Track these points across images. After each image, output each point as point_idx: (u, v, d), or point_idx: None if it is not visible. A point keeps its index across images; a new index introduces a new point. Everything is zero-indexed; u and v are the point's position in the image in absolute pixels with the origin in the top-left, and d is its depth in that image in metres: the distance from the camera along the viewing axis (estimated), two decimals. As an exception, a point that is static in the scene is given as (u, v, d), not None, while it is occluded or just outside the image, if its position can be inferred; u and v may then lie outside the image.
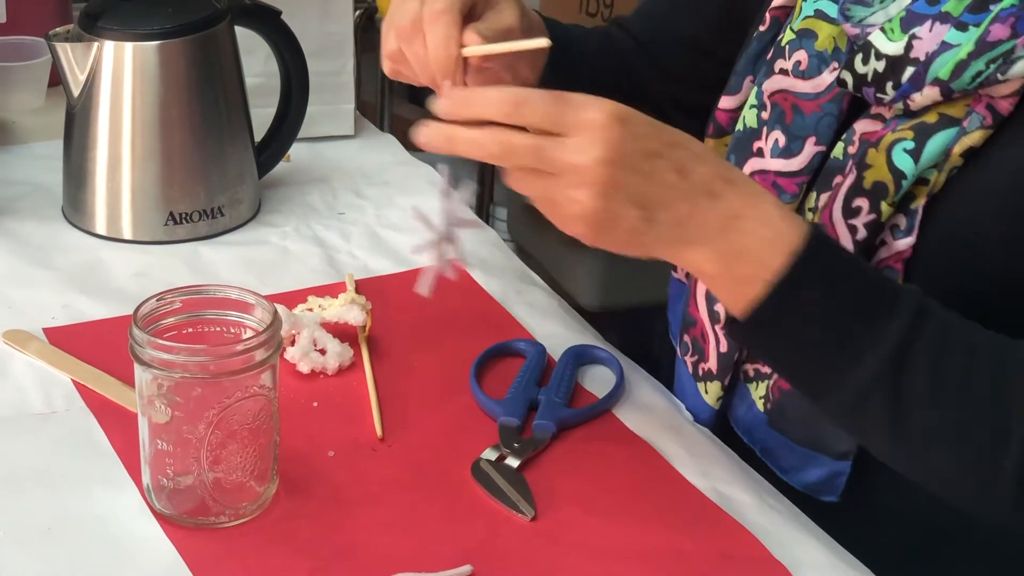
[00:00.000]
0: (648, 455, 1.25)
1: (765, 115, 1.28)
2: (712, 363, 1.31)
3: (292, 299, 1.40)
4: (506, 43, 1.18)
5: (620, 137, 1.04)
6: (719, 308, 1.29)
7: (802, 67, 1.26)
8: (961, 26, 1.13)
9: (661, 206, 1.05)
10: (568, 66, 1.40)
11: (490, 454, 1.23)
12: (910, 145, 1.15)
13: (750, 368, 1.29)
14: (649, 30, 1.49)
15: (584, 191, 1.04)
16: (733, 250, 1.07)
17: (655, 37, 1.49)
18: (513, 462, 1.22)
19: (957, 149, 1.13)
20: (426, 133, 1.07)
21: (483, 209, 3.06)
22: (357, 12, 3.21)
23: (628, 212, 1.05)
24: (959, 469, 1.08)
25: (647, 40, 1.49)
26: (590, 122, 1.04)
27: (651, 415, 1.31)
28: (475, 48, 1.18)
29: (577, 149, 1.03)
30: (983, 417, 1.06)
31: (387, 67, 1.25)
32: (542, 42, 1.14)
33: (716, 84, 1.44)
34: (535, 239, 2.93)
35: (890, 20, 1.17)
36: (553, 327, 1.42)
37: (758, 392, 1.28)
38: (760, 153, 1.28)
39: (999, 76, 1.11)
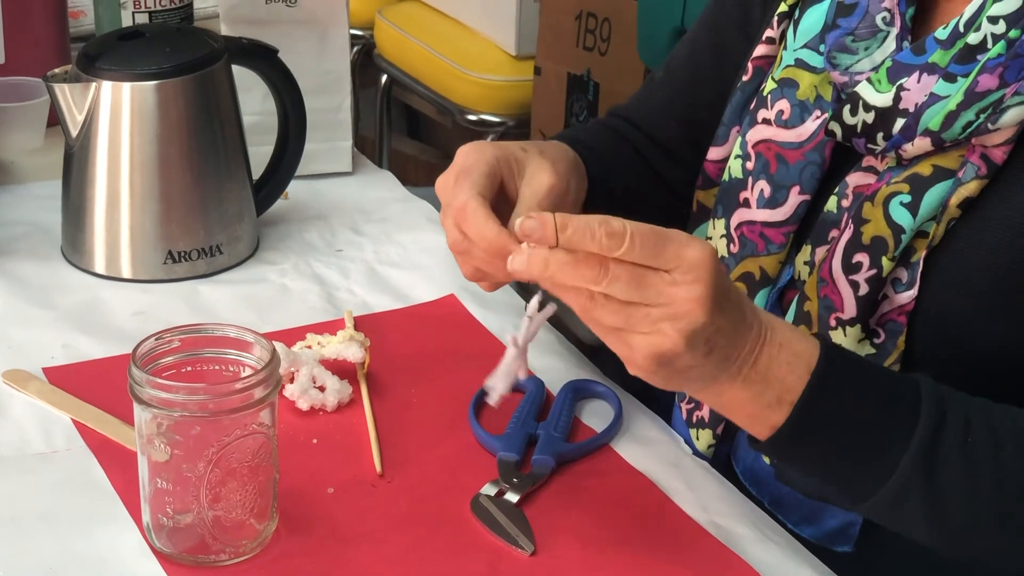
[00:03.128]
0: (647, 489, 1.26)
1: (750, 165, 1.28)
2: (705, 411, 1.31)
3: (291, 336, 1.40)
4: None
5: (718, 276, 1.03)
6: None
7: (785, 116, 1.26)
8: (949, 77, 1.13)
9: (722, 342, 1.05)
10: (606, 191, 1.38)
11: (489, 489, 1.23)
12: (907, 199, 1.15)
13: None
14: (655, 123, 1.48)
15: (678, 325, 1.01)
16: (760, 377, 1.07)
17: (661, 127, 1.47)
18: (512, 497, 1.22)
19: (954, 200, 1.14)
20: (520, 260, 1.04)
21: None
22: (354, 49, 3.23)
23: (699, 349, 1.03)
24: (1004, 549, 1.10)
25: (656, 133, 1.47)
26: (694, 259, 1.02)
27: (650, 449, 1.31)
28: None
29: (681, 283, 1.02)
30: (1020, 495, 1.07)
31: (485, 286, 1.26)
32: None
33: None
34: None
35: (876, 71, 1.17)
36: (551, 362, 1.43)
37: None
38: (746, 203, 1.28)
39: (989, 126, 1.12)
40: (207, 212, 1.56)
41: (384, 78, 3.36)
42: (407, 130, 4.01)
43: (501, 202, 1.22)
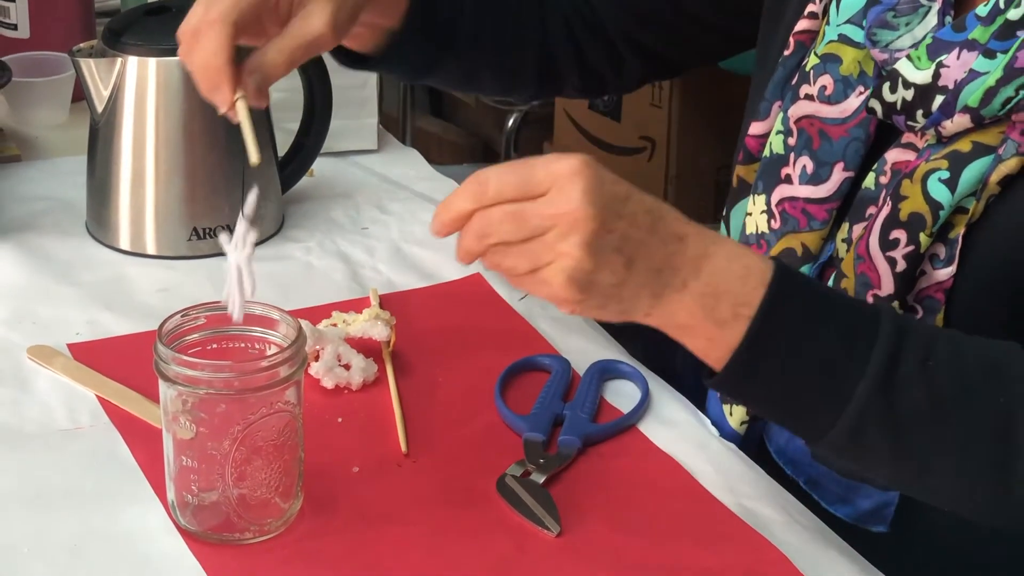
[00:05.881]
0: (674, 470, 1.25)
1: (792, 141, 1.27)
2: None
3: (316, 314, 1.40)
4: (247, 126, 1.18)
5: (596, 180, 1.01)
6: None
7: (827, 92, 1.25)
8: (989, 53, 1.12)
9: (639, 251, 1.03)
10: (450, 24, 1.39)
11: (515, 469, 1.22)
12: (945, 175, 1.14)
13: None
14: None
15: (572, 239, 1.00)
16: (710, 291, 1.04)
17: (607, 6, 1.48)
18: (538, 477, 1.21)
19: (994, 177, 1.13)
20: (460, 252, 1.07)
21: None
22: (379, 26, 3.21)
23: (612, 259, 1.02)
24: (967, 482, 1.07)
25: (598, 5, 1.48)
26: (563, 171, 1.01)
27: (676, 430, 1.30)
28: (240, 107, 1.18)
29: (559, 199, 1.01)
30: (984, 425, 1.05)
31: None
32: (252, 158, 1.17)
33: (684, 37, 1.47)
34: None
35: (916, 48, 1.16)
36: (577, 342, 1.42)
37: None
38: (788, 180, 1.27)
39: None
40: (232, 189, 1.56)
41: (408, 56, 3.35)
42: (430, 108, 4.00)
43: (270, 22, 1.22)
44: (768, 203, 1.29)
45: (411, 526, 1.16)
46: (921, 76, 1.15)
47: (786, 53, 1.31)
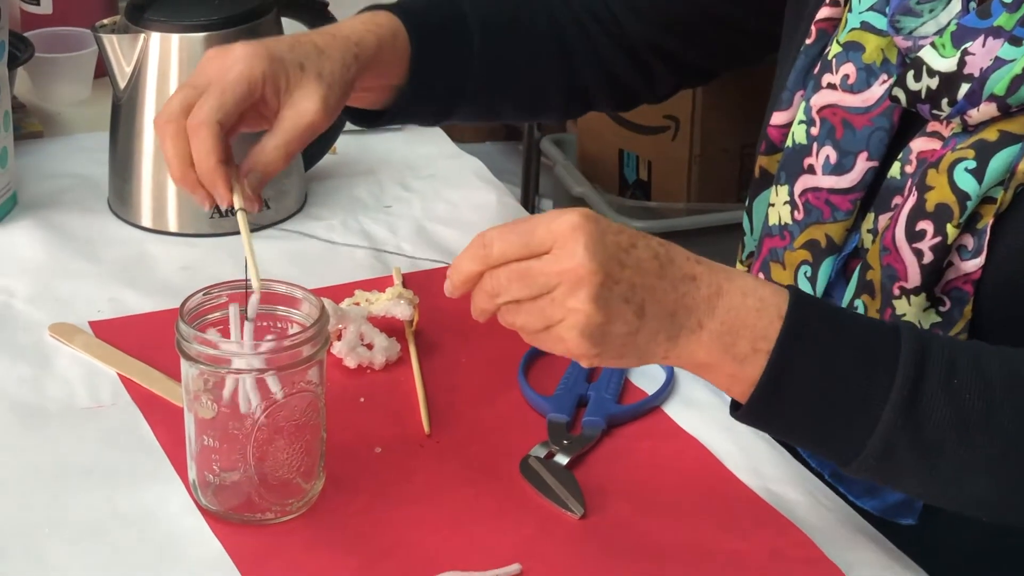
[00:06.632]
0: (698, 452, 1.24)
1: (814, 131, 1.26)
2: None
3: (339, 293, 1.39)
4: (250, 250, 1.16)
5: (597, 233, 1.01)
6: None
7: (850, 81, 1.24)
8: (1015, 40, 1.11)
9: (649, 297, 1.03)
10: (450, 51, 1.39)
11: (539, 451, 1.22)
12: (972, 165, 1.13)
13: None
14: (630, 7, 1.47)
15: (580, 295, 1.01)
16: (726, 328, 1.04)
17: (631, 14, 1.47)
18: (562, 459, 1.21)
19: (1022, 166, 1.11)
20: (475, 311, 1.08)
21: (529, 202, 3.05)
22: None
23: (622, 309, 1.02)
24: (1000, 494, 1.07)
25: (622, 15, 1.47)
26: (564, 228, 1.01)
27: (701, 412, 1.29)
28: (241, 220, 1.19)
29: (562, 255, 1.01)
30: (1014, 438, 1.04)
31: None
32: (254, 284, 1.14)
33: (711, 41, 1.46)
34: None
35: (940, 35, 1.15)
36: (602, 322, 1.41)
37: None
38: (811, 170, 1.26)
39: None
40: (255, 166, 1.55)
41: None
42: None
43: (262, 106, 1.24)
44: (791, 194, 1.28)
45: (433, 507, 1.16)
46: (946, 64, 1.14)
47: (808, 42, 1.30)
